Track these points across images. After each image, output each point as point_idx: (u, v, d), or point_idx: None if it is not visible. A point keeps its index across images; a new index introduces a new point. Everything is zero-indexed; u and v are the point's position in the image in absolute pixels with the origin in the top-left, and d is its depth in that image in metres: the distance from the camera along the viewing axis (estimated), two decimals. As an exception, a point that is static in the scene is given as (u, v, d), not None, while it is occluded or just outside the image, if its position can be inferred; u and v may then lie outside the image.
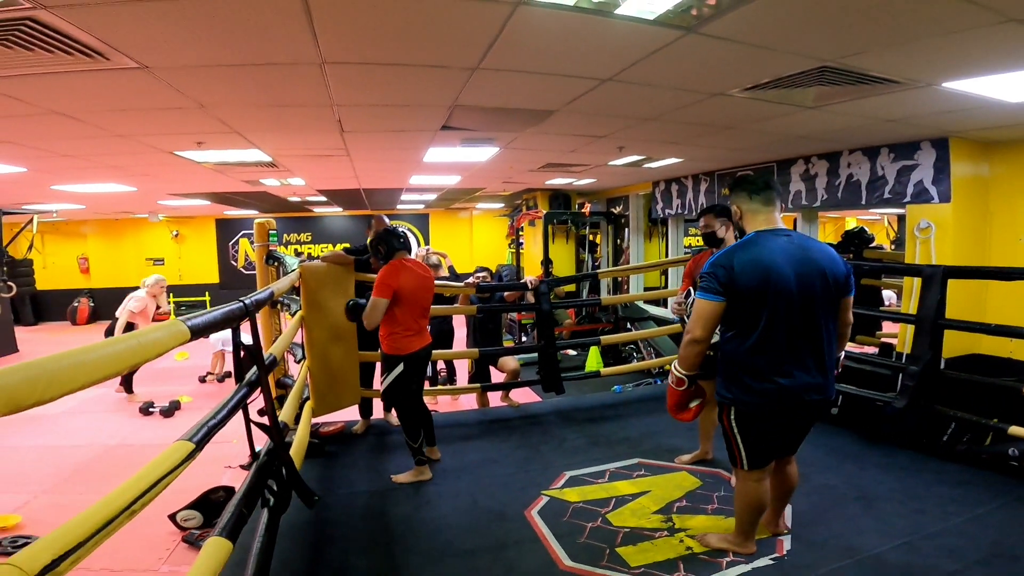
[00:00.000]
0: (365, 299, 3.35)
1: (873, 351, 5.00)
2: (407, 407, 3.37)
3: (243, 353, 2.16)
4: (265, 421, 2.23)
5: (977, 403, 3.43)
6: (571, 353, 8.14)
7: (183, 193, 8.45)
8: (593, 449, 3.81)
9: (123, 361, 1.08)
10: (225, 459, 4.54)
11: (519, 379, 4.96)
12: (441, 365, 6.75)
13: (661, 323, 7.49)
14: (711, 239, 3.24)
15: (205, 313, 1.67)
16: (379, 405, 4.36)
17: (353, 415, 4.30)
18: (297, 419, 3.31)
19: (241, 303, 2.02)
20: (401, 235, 3.45)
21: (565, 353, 6.88)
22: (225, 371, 7.92)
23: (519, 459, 3.69)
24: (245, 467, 4.46)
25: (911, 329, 3.82)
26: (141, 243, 13.93)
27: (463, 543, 2.68)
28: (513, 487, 3.25)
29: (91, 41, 2.18)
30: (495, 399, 5.22)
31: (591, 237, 10.37)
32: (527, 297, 5.00)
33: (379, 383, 3.56)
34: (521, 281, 5.11)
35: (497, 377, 5.14)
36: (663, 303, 8.18)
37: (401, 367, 3.30)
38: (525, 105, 3.48)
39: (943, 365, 3.71)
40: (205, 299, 13.89)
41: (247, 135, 4.16)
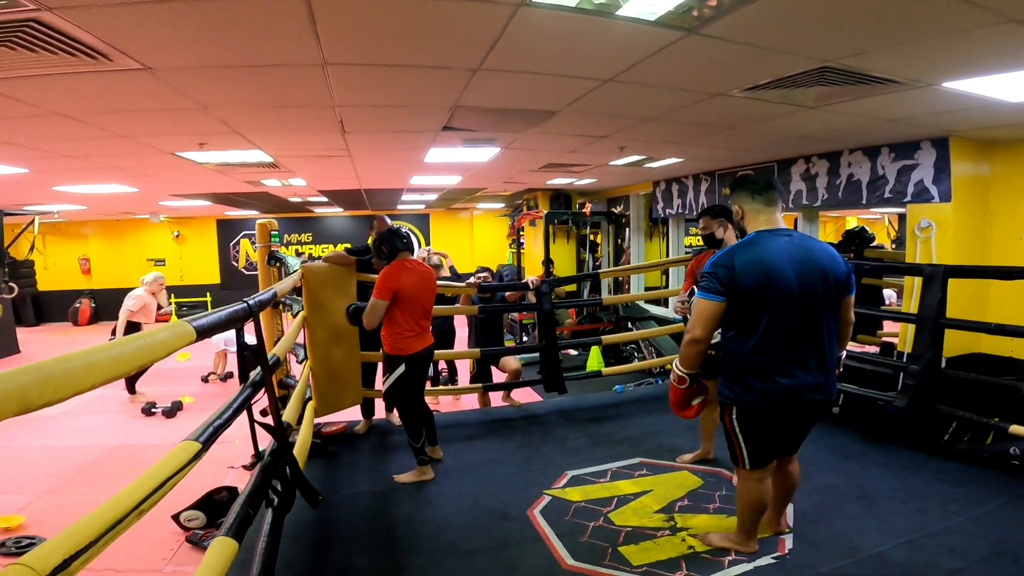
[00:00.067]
0: (367, 301, 3.36)
1: (874, 350, 5.01)
2: (409, 407, 3.38)
3: (247, 353, 2.17)
4: (269, 421, 2.24)
5: (978, 402, 3.44)
6: (572, 353, 8.15)
7: (184, 194, 8.46)
8: (595, 449, 3.81)
9: (132, 362, 1.09)
10: (227, 459, 4.54)
11: (521, 379, 4.97)
12: (443, 365, 6.75)
13: (662, 323, 7.50)
14: (710, 240, 3.26)
15: (210, 314, 1.68)
16: (381, 405, 4.37)
17: (355, 415, 4.31)
18: (300, 419, 3.31)
19: (245, 304, 2.03)
20: (404, 235, 3.44)
21: (566, 353, 6.88)
22: (227, 371, 7.94)
23: (521, 459, 3.70)
24: (247, 467, 4.47)
25: (912, 328, 3.82)
26: (142, 244, 13.94)
27: (465, 543, 2.68)
28: (515, 487, 3.25)
29: (94, 42, 2.19)
30: (497, 399, 5.23)
31: (592, 237, 10.37)
32: (528, 297, 5.01)
33: (381, 383, 3.57)
34: (523, 281, 5.11)
35: (499, 377, 5.15)
36: (664, 303, 8.19)
37: (403, 368, 3.30)
38: (526, 106, 3.49)
39: (944, 364, 3.72)
40: (206, 300, 13.89)
41: (249, 136, 4.17)
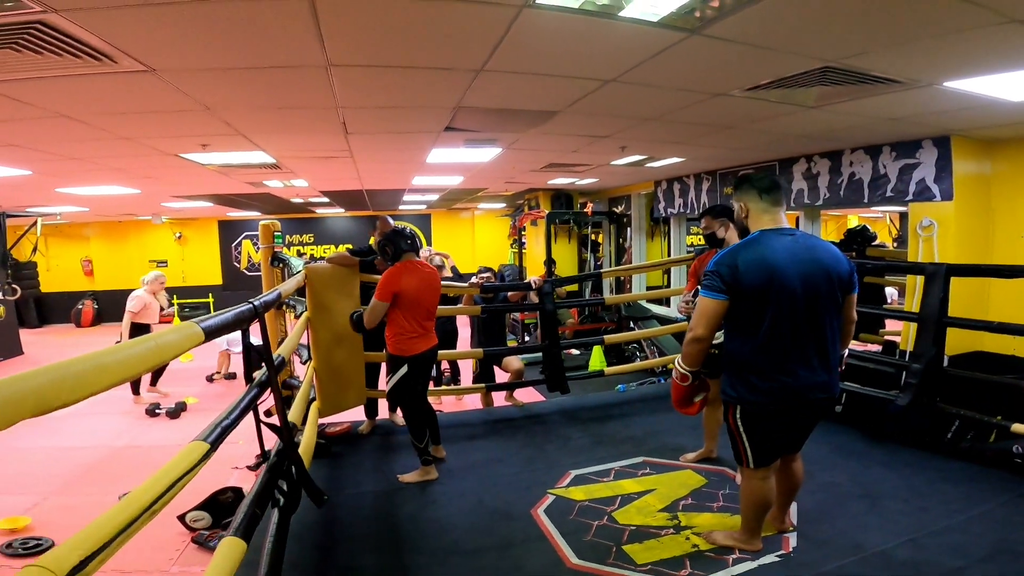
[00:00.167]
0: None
1: (876, 349, 5.01)
2: (412, 407, 3.38)
3: (252, 354, 2.18)
4: (275, 421, 2.25)
5: (980, 400, 3.44)
6: (574, 352, 8.16)
7: (186, 195, 8.47)
8: (598, 448, 3.82)
9: (144, 363, 1.10)
10: (232, 460, 4.56)
11: (523, 379, 4.98)
12: (445, 365, 6.76)
13: (664, 322, 7.51)
14: (712, 239, 3.27)
15: (218, 315, 1.69)
16: (384, 405, 4.38)
17: (359, 415, 4.33)
18: (304, 420, 3.33)
19: (251, 305, 2.04)
20: (409, 236, 3.42)
21: (568, 353, 6.89)
22: (230, 371, 7.96)
23: (524, 458, 3.71)
24: (252, 468, 4.48)
25: (914, 327, 3.83)
26: (144, 245, 13.96)
27: (470, 542, 2.70)
28: (519, 486, 3.27)
29: (99, 44, 2.19)
30: (499, 399, 5.24)
31: (593, 237, 10.37)
32: (530, 297, 5.02)
33: (384, 383, 3.58)
34: (525, 281, 5.12)
35: (501, 377, 5.16)
36: (666, 302, 8.20)
37: (405, 368, 3.31)
38: (529, 106, 3.49)
39: (946, 363, 3.72)
40: (208, 300, 13.91)
41: (252, 137, 4.18)
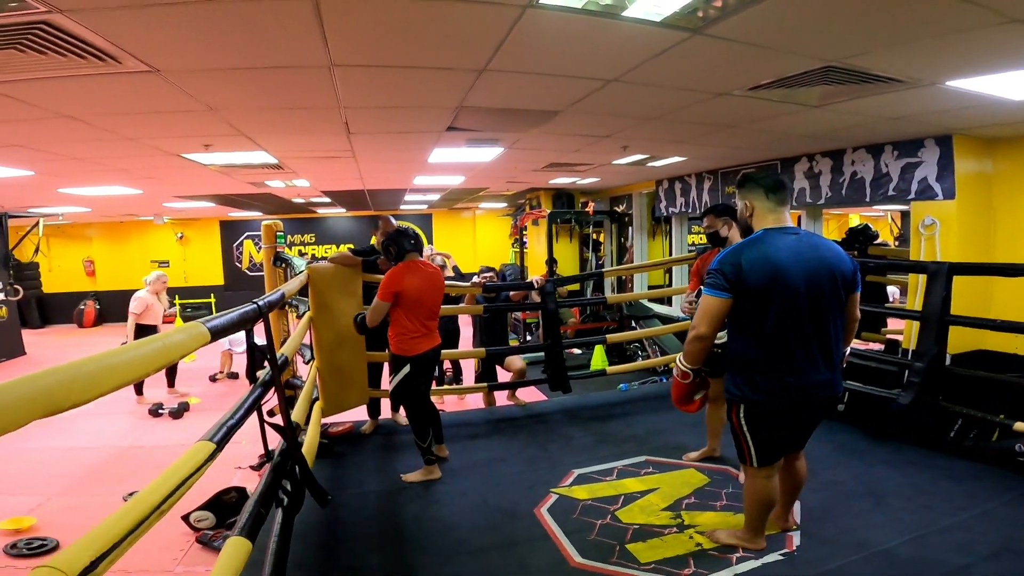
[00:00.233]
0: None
1: (879, 347, 5.01)
2: (415, 407, 3.39)
3: (256, 354, 2.19)
4: (278, 421, 2.26)
5: (983, 399, 3.44)
6: (576, 352, 8.17)
7: (188, 195, 8.49)
8: (601, 447, 3.83)
9: (152, 363, 1.11)
10: (234, 460, 4.56)
11: (525, 378, 4.99)
12: (447, 364, 6.77)
13: (666, 321, 7.51)
14: (715, 238, 3.27)
15: (223, 315, 1.70)
16: (387, 404, 4.38)
17: (361, 415, 4.33)
18: (307, 419, 3.33)
19: (255, 305, 2.04)
20: (412, 236, 3.41)
21: (570, 352, 6.90)
22: (232, 371, 7.98)
23: (527, 458, 3.71)
24: (255, 468, 4.49)
25: (917, 325, 3.83)
26: (146, 245, 13.98)
27: (474, 541, 2.70)
28: (522, 485, 3.27)
29: (104, 44, 2.20)
30: (502, 398, 5.25)
31: (595, 236, 10.38)
32: (531, 296, 5.02)
33: (387, 383, 3.58)
34: (527, 280, 5.13)
35: (504, 376, 5.16)
36: (667, 301, 8.21)
37: (408, 368, 3.31)
38: (531, 106, 3.50)
39: (949, 361, 3.72)
40: (210, 301, 13.93)
41: (254, 137, 4.19)
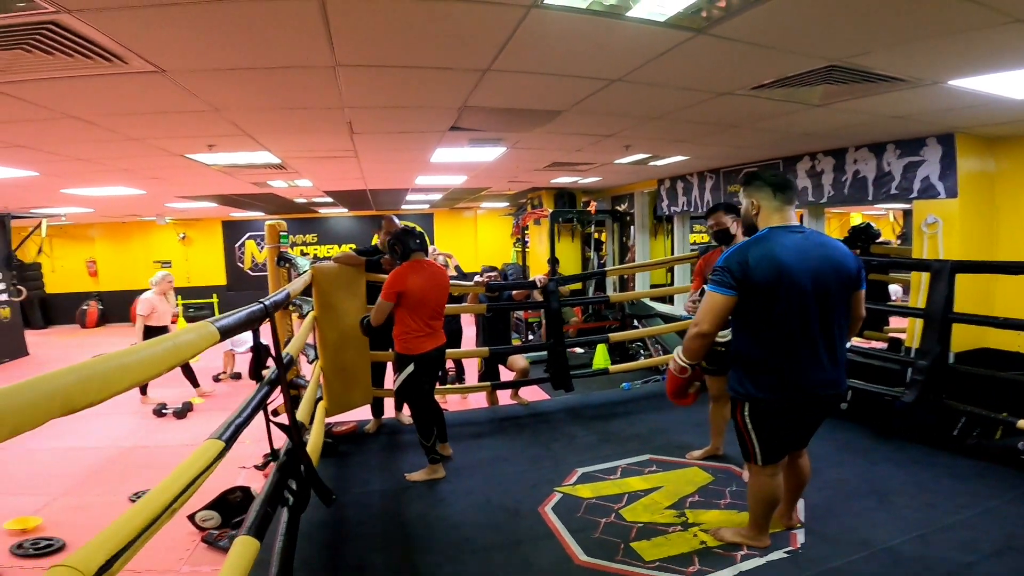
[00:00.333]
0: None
1: (882, 346, 5.01)
2: (420, 406, 3.40)
3: (261, 353, 2.20)
4: (284, 420, 2.27)
5: (986, 397, 3.44)
6: (578, 351, 8.17)
7: (191, 196, 8.50)
8: (604, 446, 3.84)
9: (164, 362, 1.12)
10: (239, 460, 4.58)
11: (528, 377, 5.00)
12: (450, 364, 6.78)
13: (668, 320, 7.50)
14: (723, 236, 3.27)
15: (230, 315, 1.71)
16: (390, 404, 4.39)
17: (365, 414, 4.34)
18: (311, 419, 3.34)
19: (262, 304, 2.05)
20: (418, 235, 3.43)
21: (572, 351, 6.90)
22: (235, 371, 7.99)
23: (531, 456, 3.72)
24: (259, 467, 4.50)
25: (920, 323, 3.83)
26: (149, 246, 14.00)
27: (479, 540, 2.71)
28: (526, 484, 3.28)
29: (110, 45, 2.21)
30: (505, 397, 5.26)
31: (597, 235, 10.38)
32: (534, 295, 5.03)
33: (391, 382, 3.59)
34: (530, 280, 5.14)
35: (507, 375, 5.17)
36: (670, 300, 8.20)
37: (412, 367, 3.32)
38: (534, 106, 3.51)
39: (952, 359, 3.73)
40: (213, 301, 13.95)
41: (258, 137, 4.20)
